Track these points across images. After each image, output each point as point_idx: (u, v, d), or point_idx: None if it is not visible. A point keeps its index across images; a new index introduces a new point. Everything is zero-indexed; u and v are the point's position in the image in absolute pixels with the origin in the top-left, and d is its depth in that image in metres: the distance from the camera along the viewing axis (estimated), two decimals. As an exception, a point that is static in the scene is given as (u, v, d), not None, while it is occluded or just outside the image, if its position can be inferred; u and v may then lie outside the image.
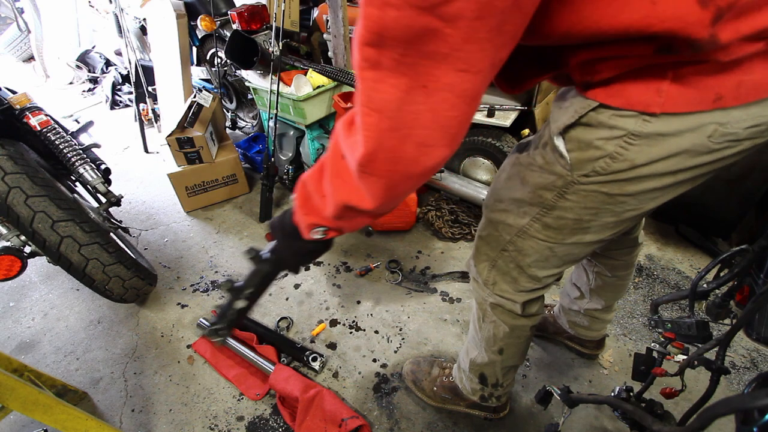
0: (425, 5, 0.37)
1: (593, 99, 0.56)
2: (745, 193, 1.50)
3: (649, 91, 0.51)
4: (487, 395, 1.09)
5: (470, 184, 1.95)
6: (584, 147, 0.59)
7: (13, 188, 1.24)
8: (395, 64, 0.41)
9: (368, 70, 0.43)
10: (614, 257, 1.07)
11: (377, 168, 0.50)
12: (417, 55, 0.40)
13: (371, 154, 0.48)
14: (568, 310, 1.27)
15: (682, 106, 0.50)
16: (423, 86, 0.42)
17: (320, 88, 1.94)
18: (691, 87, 0.49)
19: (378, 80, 0.43)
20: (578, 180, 0.62)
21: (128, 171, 2.86)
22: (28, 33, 5.02)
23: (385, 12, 0.38)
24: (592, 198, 0.63)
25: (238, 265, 1.89)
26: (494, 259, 0.83)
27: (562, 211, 0.67)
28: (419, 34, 0.39)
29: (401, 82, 0.42)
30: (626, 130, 0.54)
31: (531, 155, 0.70)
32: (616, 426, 1.17)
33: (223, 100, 2.95)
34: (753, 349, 1.36)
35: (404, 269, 1.77)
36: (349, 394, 1.30)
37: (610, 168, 0.58)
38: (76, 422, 0.97)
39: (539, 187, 0.68)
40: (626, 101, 0.53)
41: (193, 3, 2.67)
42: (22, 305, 1.80)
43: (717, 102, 0.49)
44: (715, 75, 0.48)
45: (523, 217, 0.73)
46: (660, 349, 0.82)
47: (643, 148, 0.54)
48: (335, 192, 0.56)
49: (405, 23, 0.38)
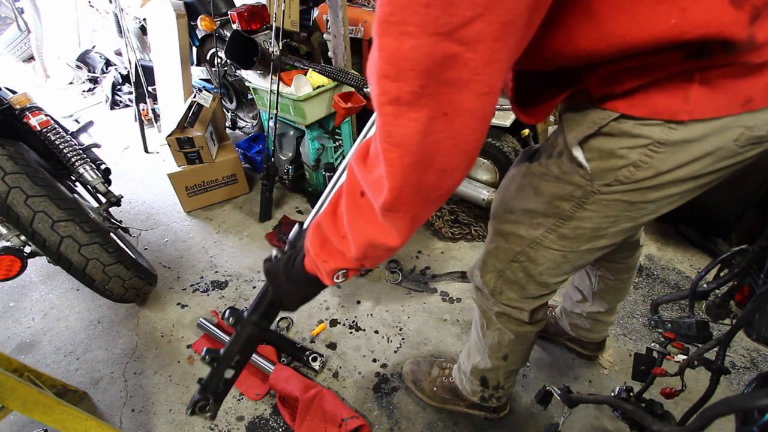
0: (444, 30, 0.35)
1: (613, 110, 0.54)
2: (745, 193, 1.50)
3: (675, 99, 0.49)
4: (488, 396, 1.09)
5: (470, 184, 1.95)
6: (606, 156, 0.57)
7: (13, 188, 1.24)
8: (415, 97, 0.39)
9: (387, 105, 0.41)
10: (616, 260, 1.06)
11: (403, 204, 0.47)
12: (437, 84, 0.38)
13: (397, 191, 0.46)
14: (570, 312, 1.27)
15: (710, 111, 0.49)
16: (444, 114, 0.41)
17: (320, 88, 1.94)
18: (719, 91, 0.48)
19: (398, 115, 0.41)
20: (599, 190, 0.60)
21: (128, 171, 2.86)
22: (28, 33, 5.02)
23: (402, 42, 0.37)
24: (613, 207, 0.62)
25: (238, 265, 1.89)
26: (502, 270, 0.81)
27: (580, 221, 0.66)
28: (439, 62, 0.37)
29: (422, 115, 0.41)
30: (652, 139, 0.52)
31: (544, 165, 0.67)
32: (616, 426, 1.17)
33: (223, 100, 2.95)
34: (753, 349, 1.36)
35: (404, 269, 1.77)
36: (349, 394, 1.30)
37: (633, 177, 0.56)
38: (76, 422, 0.97)
39: (556, 198, 0.66)
40: (651, 110, 0.51)
41: (193, 3, 2.66)
42: (22, 305, 1.80)
43: (746, 105, 0.48)
44: (744, 77, 0.47)
45: (537, 228, 0.71)
46: (660, 349, 0.82)
47: (668, 155, 0.53)
48: (358, 232, 0.53)
49: (424, 52, 0.36)
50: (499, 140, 1.82)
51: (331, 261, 0.58)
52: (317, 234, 0.59)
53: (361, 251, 0.54)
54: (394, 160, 0.44)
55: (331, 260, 0.58)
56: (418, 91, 0.39)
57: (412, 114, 0.41)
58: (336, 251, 0.57)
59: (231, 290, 1.75)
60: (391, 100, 0.40)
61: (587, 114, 0.57)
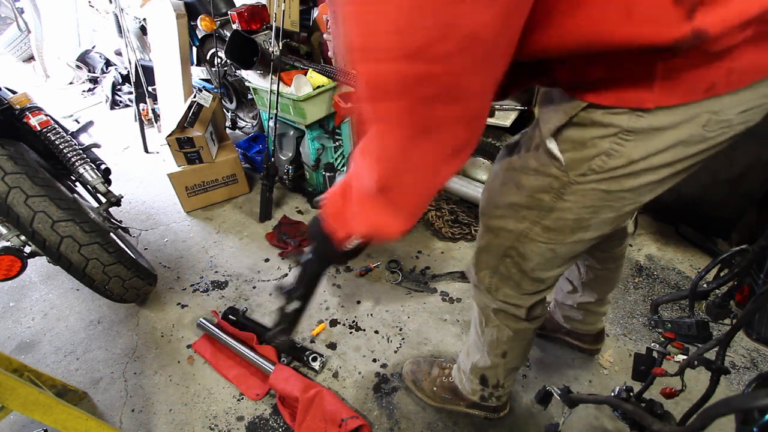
0: (412, 52, 0.38)
1: (582, 99, 0.55)
2: (745, 193, 1.50)
3: (640, 87, 0.50)
4: (488, 395, 1.09)
5: (470, 184, 1.95)
6: (578, 146, 0.59)
7: (13, 188, 1.24)
8: (397, 116, 0.44)
9: (375, 123, 0.46)
10: (604, 249, 1.07)
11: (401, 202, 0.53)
12: (416, 101, 0.42)
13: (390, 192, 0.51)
14: (562, 304, 1.27)
15: (675, 98, 0.50)
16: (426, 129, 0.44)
17: (320, 88, 1.94)
18: (682, 79, 0.49)
19: (383, 133, 0.46)
20: (575, 180, 0.61)
21: (128, 171, 2.86)
22: (28, 33, 5.03)
23: (378, 66, 0.40)
24: (590, 196, 0.63)
25: (238, 265, 1.89)
26: (496, 266, 0.81)
27: (561, 213, 0.67)
28: (413, 83, 0.40)
29: (405, 134, 0.45)
30: (620, 127, 0.54)
31: (523, 158, 0.69)
32: (616, 426, 1.17)
33: (223, 100, 2.95)
34: (753, 349, 1.36)
35: (404, 269, 1.77)
36: (349, 394, 1.30)
37: (606, 165, 0.57)
38: (76, 422, 0.97)
39: (536, 191, 0.67)
40: (618, 99, 0.52)
41: (193, 3, 2.66)
42: (22, 305, 1.80)
43: (709, 91, 0.49)
44: (705, 65, 0.48)
45: (522, 221, 0.72)
46: (660, 349, 0.82)
47: (638, 143, 0.54)
48: (363, 219, 0.58)
49: (400, 74, 0.40)
50: (499, 140, 1.82)
51: (344, 229, 0.63)
52: (332, 203, 0.64)
53: (368, 234, 0.60)
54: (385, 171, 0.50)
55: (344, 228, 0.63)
56: (399, 111, 0.43)
57: (396, 132, 0.45)
58: (347, 224, 0.62)
59: (231, 290, 1.76)
60: (378, 119, 0.45)
61: (559, 105, 0.59)
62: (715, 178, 1.53)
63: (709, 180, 1.54)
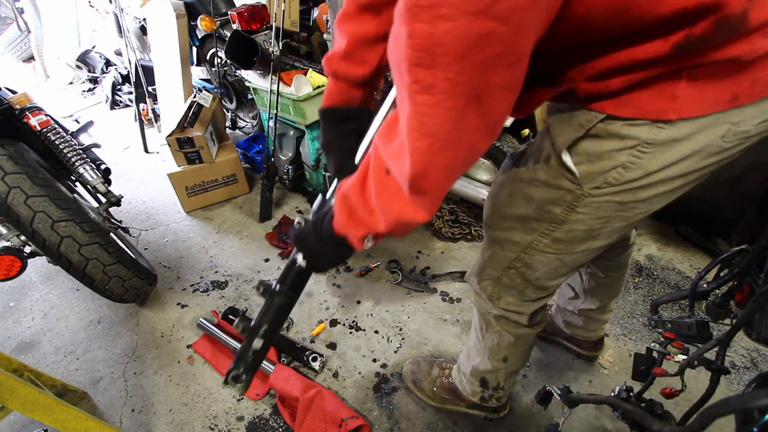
0: (478, 9, 0.34)
1: (599, 111, 0.53)
2: (745, 193, 1.50)
3: (663, 98, 0.49)
4: (488, 397, 1.09)
5: (470, 184, 1.95)
6: (594, 159, 0.57)
7: (13, 188, 1.24)
8: (451, 84, 0.38)
9: (420, 94, 0.40)
10: (607, 258, 1.06)
11: (430, 186, 0.48)
12: (472, 66, 0.37)
13: (421, 177, 0.46)
14: (564, 309, 1.27)
15: (698, 109, 0.48)
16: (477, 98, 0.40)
17: (320, 88, 1.94)
18: (707, 89, 0.47)
19: (432, 105, 0.40)
20: (589, 193, 0.60)
21: (128, 171, 2.86)
22: (28, 33, 5.02)
23: (435, 26, 0.35)
24: (604, 208, 0.61)
25: (238, 265, 1.89)
26: (499, 276, 0.81)
27: (572, 224, 0.65)
28: (475, 42, 0.36)
29: (459, 103, 0.40)
30: (640, 139, 0.52)
31: (532, 170, 0.67)
32: (616, 426, 1.17)
33: (223, 100, 2.95)
34: (753, 349, 1.36)
35: (404, 269, 1.77)
36: (349, 394, 1.30)
37: (623, 178, 0.56)
38: (76, 422, 0.97)
39: (546, 203, 0.66)
40: (638, 110, 0.51)
41: (193, 3, 2.67)
42: (22, 305, 1.80)
43: (733, 101, 0.48)
44: (731, 74, 0.47)
45: (531, 233, 0.70)
46: (660, 349, 0.82)
47: (656, 155, 0.53)
48: (386, 209, 0.54)
49: (460, 34, 0.35)
50: (499, 140, 1.82)
51: (360, 228, 0.59)
52: (345, 203, 0.59)
53: (390, 226, 0.55)
54: (423, 149, 0.44)
55: (360, 228, 0.59)
56: (454, 77, 0.38)
57: (448, 103, 0.40)
58: (363, 221, 0.58)
59: (231, 290, 1.75)
60: (424, 89, 0.39)
61: (574, 116, 0.57)
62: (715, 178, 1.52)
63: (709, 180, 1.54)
